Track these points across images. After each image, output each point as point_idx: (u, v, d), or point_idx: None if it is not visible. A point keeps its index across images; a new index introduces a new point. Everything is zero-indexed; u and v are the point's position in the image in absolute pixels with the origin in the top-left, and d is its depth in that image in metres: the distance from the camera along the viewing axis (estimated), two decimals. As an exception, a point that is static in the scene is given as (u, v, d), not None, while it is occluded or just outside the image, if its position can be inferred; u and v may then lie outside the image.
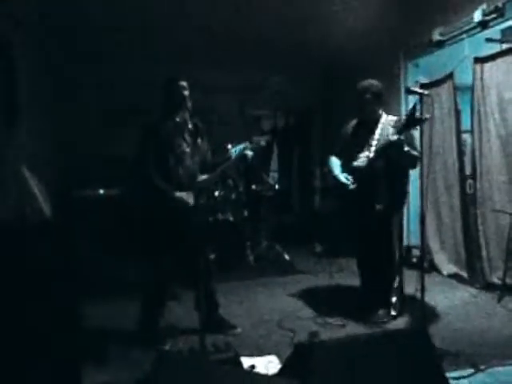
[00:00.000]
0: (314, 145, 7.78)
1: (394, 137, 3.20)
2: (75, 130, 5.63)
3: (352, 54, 5.85)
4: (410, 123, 3.07)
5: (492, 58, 4.17)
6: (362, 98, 3.48)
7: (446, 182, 4.82)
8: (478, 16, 4.11)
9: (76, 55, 5.60)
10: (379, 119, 3.51)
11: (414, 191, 4.38)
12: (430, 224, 4.93)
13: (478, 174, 4.34)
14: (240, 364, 2.35)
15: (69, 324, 2.19)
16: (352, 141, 3.60)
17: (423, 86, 4.84)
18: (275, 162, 7.62)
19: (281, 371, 2.16)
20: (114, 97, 5.87)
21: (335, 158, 3.69)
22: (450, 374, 2.31)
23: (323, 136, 7.41)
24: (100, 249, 4.27)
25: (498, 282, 4.04)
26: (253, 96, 6.86)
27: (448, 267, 4.78)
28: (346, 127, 3.73)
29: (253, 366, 2.38)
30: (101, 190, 5.10)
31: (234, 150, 3.25)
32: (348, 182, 3.44)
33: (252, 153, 3.26)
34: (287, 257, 5.52)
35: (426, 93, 3.01)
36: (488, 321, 3.45)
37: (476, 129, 4.34)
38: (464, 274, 4.53)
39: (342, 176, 3.50)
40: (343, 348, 2.07)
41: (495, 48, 4.23)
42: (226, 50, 5.65)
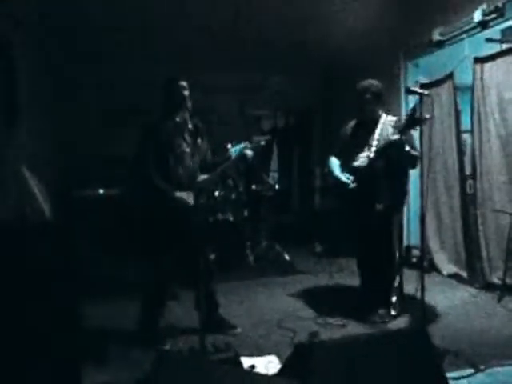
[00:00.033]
0: (314, 145, 7.78)
1: (394, 136, 3.20)
2: (75, 130, 5.64)
3: (352, 54, 5.85)
4: (411, 123, 3.08)
5: (492, 58, 4.17)
6: (361, 98, 3.48)
7: (446, 182, 4.83)
8: (478, 16, 4.12)
9: (76, 55, 5.60)
10: (379, 119, 3.51)
11: (414, 191, 4.38)
12: (430, 224, 4.93)
13: (478, 174, 4.34)
14: (240, 364, 2.35)
15: (69, 324, 2.19)
16: (351, 141, 3.60)
17: (423, 86, 4.84)
18: (275, 162, 7.63)
19: (281, 371, 2.16)
20: (113, 97, 5.88)
21: (335, 159, 3.69)
22: (449, 374, 2.31)
23: (323, 136, 7.41)
24: (100, 249, 4.27)
25: (498, 281, 4.04)
26: (253, 96, 6.86)
27: (448, 267, 4.78)
28: (346, 127, 3.73)
29: (253, 366, 2.38)
30: (101, 190, 5.10)
31: (234, 149, 3.25)
32: (348, 181, 3.44)
33: (252, 152, 3.26)
34: (287, 257, 5.52)
35: (426, 93, 3.01)
36: (488, 321, 3.45)
37: (476, 129, 4.34)
38: (464, 274, 4.53)
39: (343, 176, 3.50)
40: (343, 348, 2.07)
41: (495, 48, 4.23)
42: (226, 50, 5.65)
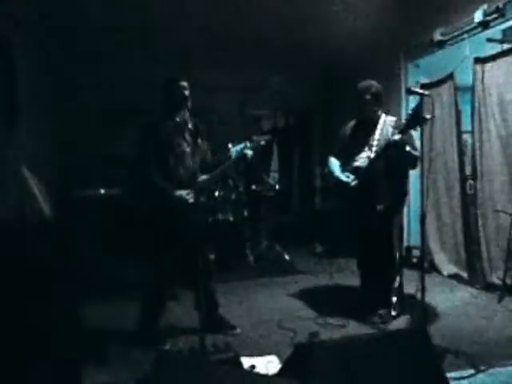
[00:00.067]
0: (314, 145, 7.78)
1: (396, 136, 3.20)
2: (75, 130, 5.64)
3: (352, 53, 5.85)
4: (413, 123, 3.07)
5: (493, 58, 4.17)
6: (361, 98, 3.49)
7: (446, 183, 4.82)
8: (478, 16, 4.12)
9: (76, 55, 5.60)
10: (378, 120, 3.51)
11: (414, 191, 4.38)
12: (431, 224, 4.93)
13: (479, 175, 4.34)
14: (240, 364, 2.35)
15: (69, 324, 2.18)
16: (351, 141, 3.60)
17: (424, 86, 4.84)
18: (276, 162, 7.62)
19: (281, 371, 2.16)
20: (114, 97, 5.87)
21: (334, 159, 3.69)
22: (450, 375, 2.31)
23: (323, 136, 7.41)
24: (100, 249, 4.27)
25: (499, 282, 4.04)
26: (253, 96, 6.86)
27: (448, 267, 4.77)
28: (345, 128, 3.72)
29: (253, 366, 2.38)
30: (101, 190, 5.10)
31: (235, 149, 3.25)
32: (349, 180, 3.44)
33: (252, 152, 3.26)
34: (287, 257, 5.52)
35: (427, 93, 3.01)
36: (488, 321, 3.44)
37: (476, 129, 4.34)
38: (464, 275, 4.53)
39: (343, 175, 3.50)
40: (343, 348, 2.06)
41: (496, 48, 4.23)
42: (226, 49, 5.65)
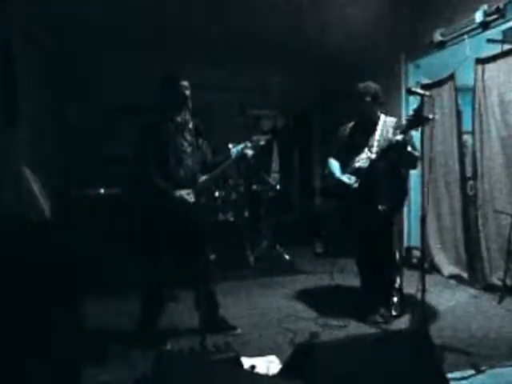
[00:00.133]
0: (314, 145, 7.78)
1: (398, 137, 3.20)
2: (75, 130, 5.63)
3: (352, 53, 5.84)
4: (415, 123, 3.06)
5: (493, 58, 4.17)
6: (360, 99, 3.49)
7: (446, 183, 4.82)
8: (479, 17, 4.12)
9: (76, 55, 5.59)
10: (377, 120, 3.51)
11: (414, 191, 4.38)
12: (431, 224, 4.93)
13: (479, 175, 4.34)
14: (240, 364, 2.35)
15: (69, 324, 2.18)
16: (350, 142, 3.60)
17: (424, 86, 4.84)
18: (276, 163, 7.63)
19: (281, 371, 2.15)
20: (114, 96, 5.87)
21: (334, 160, 3.68)
22: (450, 375, 2.31)
23: (323, 136, 7.41)
24: (100, 249, 4.26)
25: (499, 282, 4.04)
26: (253, 96, 6.85)
27: (448, 268, 4.77)
28: (343, 129, 3.72)
29: (253, 366, 2.37)
30: (101, 190, 5.09)
31: (236, 149, 3.25)
32: (351, 182, 3.43)
33: (252, 152, 3.26)
34: (287, 257, 5.52)
35: (427, 94, 3.00)
36: (488, 322, 3.44)
37: (477, 130, 4.34)
38: (464, 275, 4.53)
39: (345, 177, 3.49)
40: (343, 348, 2.06)
41: (496, 49, 4.22)
42: (226, 49, 5.65)
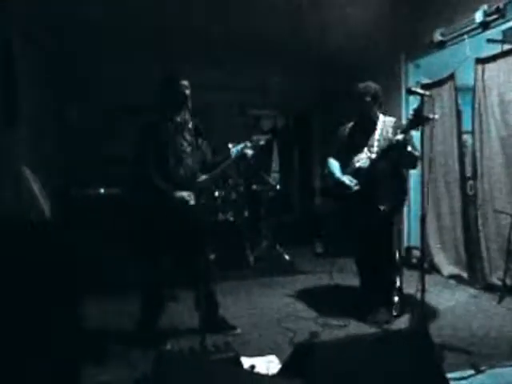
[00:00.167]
0: (314, 145, 7.78)
1: (399, 137, 3.20)
2: (75, 130, 5.63)
3: (352, 53, 5.84)
4: (415, 123, 3.06)
5: (493, 58, 4.17)
6: (360, 100, 3.49)
7: (446, 183, 4.82)
8: (479, 17, 4.12)
9: (76, 55, 5.59)
10: (377, 120, 3.51)
11: (414, 191, 4.38)
12: (431, 224, 4.93)
13: (479, 175, 4.34)
14: (240, 364, 2.35)
15: (69, 324, 2.18)
16: (350, 142, 3.60)
17: (424, 86, 4.84)
18: (276, 162, 7.63)
19: (281, 371, 2.15)
20: (114, 96, 5.87)
21: (334, 160, 3.68)
22: (450, 375, 2.31)
23: (323, 136, 7.41)
24: (100, 249, 4.26)
25: (499, 282, 4.04)
26: (253, 96, 6.85)
27: (448, 268, 4.77)
28: (342, 129, 3.72)
29: (253, 366, 2.37)
30: (101, 190, 5.09)
31: (236, 149, 3.25)
32: (352, 184, 3.42)
33: (252, 151, 3.26)
34: (287, 257, 5.52)
35: (427, 93, 3.00)
36: (488, 322, 3.44)
37: (477, 129, 4.34)
38: (464, 275, 4.53)
39: (346, 178, 3.47)
40: (343, 348, 2.06)
41: (496, 49, 4.22)
42: (226, 49, 5.65)
